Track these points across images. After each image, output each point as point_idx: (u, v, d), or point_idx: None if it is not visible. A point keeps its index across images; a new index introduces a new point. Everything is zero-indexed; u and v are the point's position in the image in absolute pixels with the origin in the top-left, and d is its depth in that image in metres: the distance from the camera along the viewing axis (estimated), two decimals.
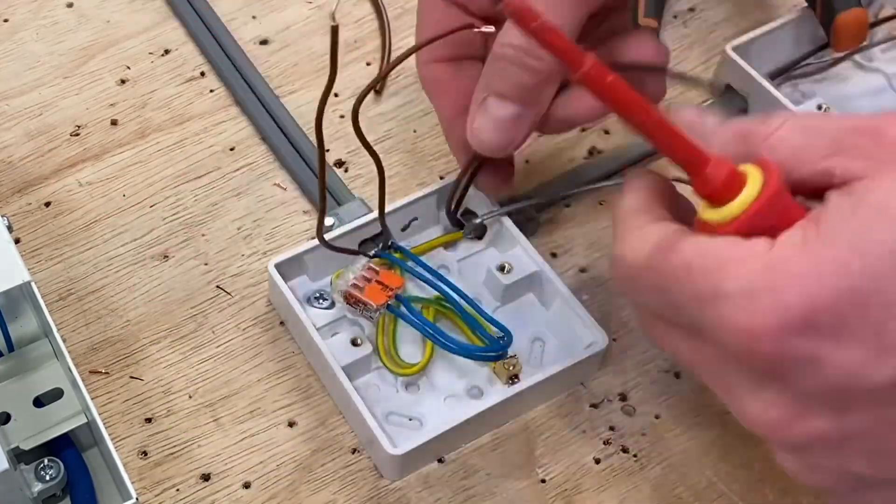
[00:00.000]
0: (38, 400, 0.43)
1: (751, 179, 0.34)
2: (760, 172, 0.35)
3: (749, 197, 0.34)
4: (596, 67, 0.32)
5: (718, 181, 0.34)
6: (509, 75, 0.43)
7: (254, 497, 0.45)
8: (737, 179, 0.34)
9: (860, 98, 0.59)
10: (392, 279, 0.47)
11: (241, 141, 0.56)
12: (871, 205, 0.32)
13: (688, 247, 0.35)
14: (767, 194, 0.34)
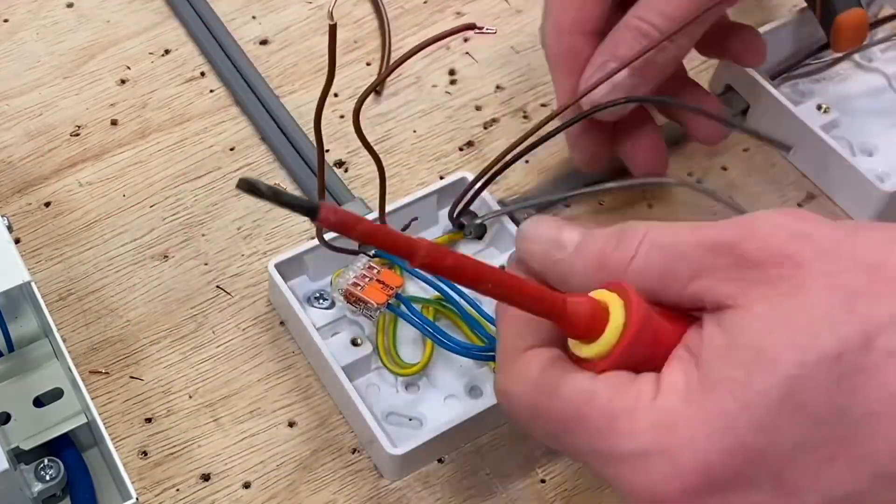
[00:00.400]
0: (38, 400, 0.43)
1: (613, 312, 0.34)
2: (620, 302, 0.34)
3: (615, 332, 0.34)
4: (431, 253, 0.31)
5: (581, 321, 0.34)
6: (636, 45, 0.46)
7: (254, 497, 0.46)
8: (599, 314, 0.34)
9: (860, 98, 0.59)
10: (392, 278, 0.47)
11: (241, 141, 0.56)
12: (746, 347, 0.32)
13: (573, 394, 0.35)
14: (632, 330, 0.34)
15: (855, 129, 0.58)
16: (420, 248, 0.31)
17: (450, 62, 0.60)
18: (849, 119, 0.58)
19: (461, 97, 0.59)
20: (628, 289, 0.35)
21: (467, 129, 0.57)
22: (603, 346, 0.34)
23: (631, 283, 0.35)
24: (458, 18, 0.62)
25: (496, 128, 0.58)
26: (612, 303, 0.35)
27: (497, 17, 0.62)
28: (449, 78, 0.59)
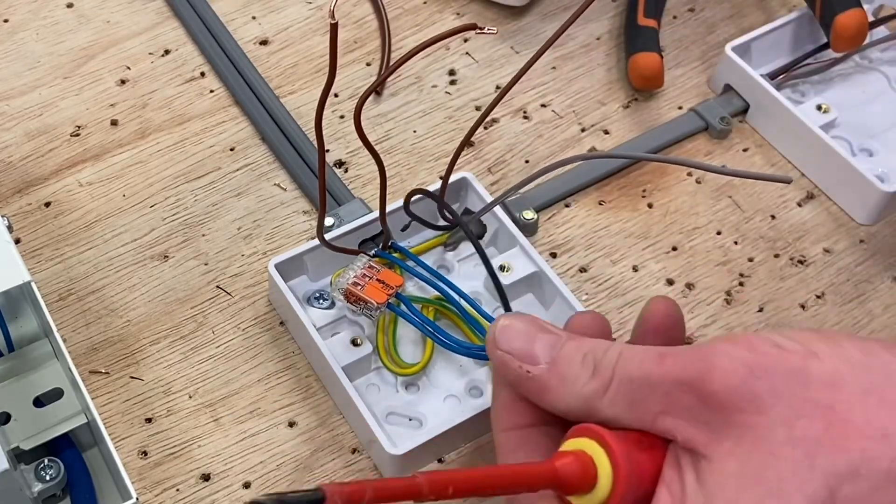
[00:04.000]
0: (38, 400, 0.43)
1: (599, 463, 0.36)
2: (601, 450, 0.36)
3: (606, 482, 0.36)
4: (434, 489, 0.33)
5: (574, 481, 0.36)
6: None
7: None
8: (588, 468, 0.36)
9: (860, 98, 0.59)
10: (392, 278, 0.47)
11: (241, 141, 0.56)
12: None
13: None
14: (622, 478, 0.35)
15: (855, 129, 0.58)
16: (423, 488, 0.33)
17: (450, 62, 0.60)
18: (849, 119, 0.58)
19: (461, 97, 0.59)
20: (604, 434, 0.36)
21: (467, 129, 0.57)
22: (599, 497, 0.36)
23: (604, 412, 0.37)
24: (458, 18, 0.62)
25: (496, 128, 0.58)
26: (595, 452, 0.36)
27: (497, 17, 0.62)
28: (449, 78, 0.59)
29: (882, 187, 0.53)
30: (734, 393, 0.34)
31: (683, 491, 0.35)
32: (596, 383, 0.37)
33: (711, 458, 0.34)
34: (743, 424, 0.34)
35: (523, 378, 0.38)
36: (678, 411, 0.35)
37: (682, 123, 0.58)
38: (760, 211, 0.55)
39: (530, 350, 0.38)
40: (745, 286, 0.53)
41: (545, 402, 0.38)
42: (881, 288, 0.53)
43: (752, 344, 0.35)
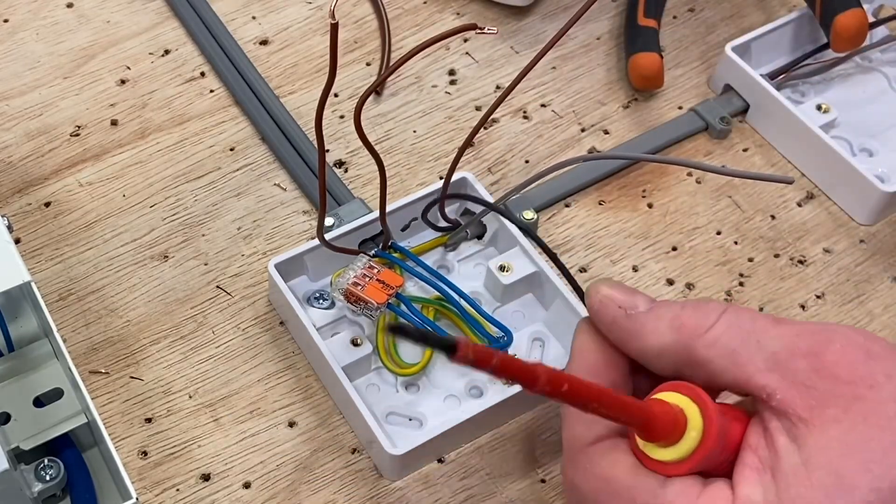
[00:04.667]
0: (38, 400, 0.43)
1: (691, 420, 0.36)
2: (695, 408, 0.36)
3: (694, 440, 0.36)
4: (552, 381, 0.33)
5: (663, 429, 0.36)
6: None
7: (254, 497, 0.46)
8: (679, 421, 0.36)
9: (860, 98, 0.59)
10: (392, 278, 0.47)
11: (241, 141, 0.56)
12: (824, 470, 0.34)
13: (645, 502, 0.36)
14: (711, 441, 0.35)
15: (855, 129, 0.58)
16: (541, 376, 0.33)
17: (450, 62, 0.60)
18: (849, 119, 0.58)
19: (461, 97, 0.59)
20: (705, 399, 0.36)
21: (467, 129, 0.57)
22: (684, 450, 0.36)
23: (700, 352, 0.37)
24: (458, 18, 0.62)
25: (496, 128, 0.58)
26: (689, 410, 0.36)
27: (497, 17, 0.62)
28: (449, 78, 0.59)
29: (882, 187, 0.53)
30: (851, 367, 0.35)
31: (776, 453, 0.35)
32: (697, 319, 0.37)
33: (813, 422, 0.35)
34: (852, 396, 0.35)
35: (620, 319, 0.39)
36: (785, 372, 0.36)
37: (682, 123, 0.58)
38: (760, 211, 0.55)
39: (632, 296, 0.39)
40: (745, 286, 0.53)
41: (637, 346, 0.38)
42: (881, 288, 0.53)
43: (869, 334, 0.36)
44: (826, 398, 0.35)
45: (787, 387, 0.35)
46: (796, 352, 0.36)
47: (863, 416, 0.34)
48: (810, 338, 0.36)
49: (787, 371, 0.36)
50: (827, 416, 0.35)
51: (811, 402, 0.35)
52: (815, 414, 0.35)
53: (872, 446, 0.34)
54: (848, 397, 0.35)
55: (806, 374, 0.35)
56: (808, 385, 0.35)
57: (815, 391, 0.35)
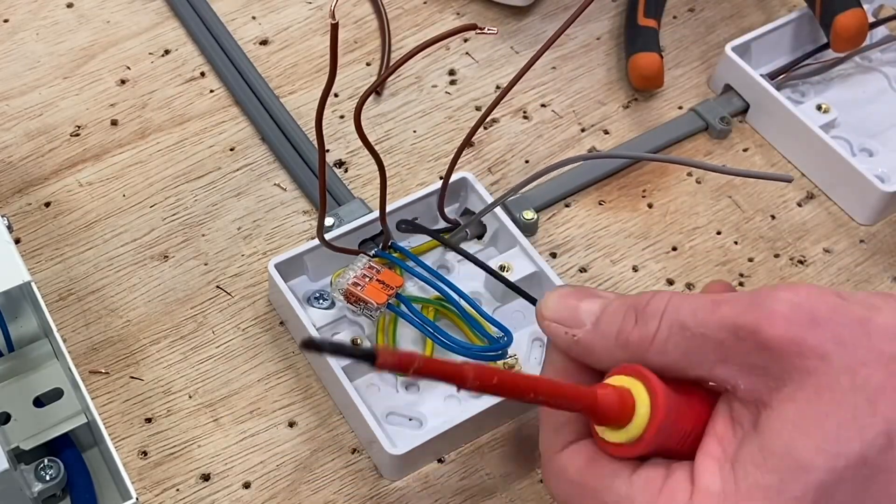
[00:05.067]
0: (38, 400, 0.43)
1: (638, 399, 0.36)
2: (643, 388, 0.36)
3: (642, 419, 0.36)
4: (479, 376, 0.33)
5: (611, 412, 0.36)
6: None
7: (254, 497, 0.46)
8: (626, 402, 0.36)
9: (860, 98, 0.59)
10: (392, 278, 0.47)
11: (241, 141, 0.56)
12: (779, 453, 0.33)
13: (612, 500, 0.36)
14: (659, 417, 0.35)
15: (855, 129, 0.58)
16: (468, 374, 0.33)
17: (450, 62, 0.60)
18: (849, 119, 0.58)
19: (461, 97, 0.59)
20: (648, 375, 0.36)
21: (467, 129, 0.57)
22: (632, 432, 0.36)
23: (654, 361, 0.36)
24: (458, 18, 0.62)
25: (496, 128, 0.58)
26: (636, 389, 0.36)
27: (497, 17, 0.62)
28: (449, 78, 0.59)
29: (882, 187, 0.53)
30: (795, 339, 0.34)
31: (738, 441, 0.34)
32: (640, 332, 0.37)
33: (770, 404, 0.34)
34: (804, 370, 0.33)
35: (571, 343, 0.38)
36: (737, 359, 0.35)
37: (682, 123, 0.58)
38: (760, 211, 0.55)
39: (575, 315, 0.39)
40: (746, 286, 0.53)
41: (594, 362, 0.38)
42: (881, 288, 0.53)
43: (812, 291, 0.34)
44: (781, 377, 0.34)
45: (745, 374, 0.35)
46: (739, 334, 0.34)
47: (816, 391, 0.33)
48: (750, 314, 0.34)
49: (737, 358, 0.35)
50: (783, 395, 0.34)
51: (770, 385, 0.34)
52: (773, 396, 0.34)
53: (827, 423, 0.33)
54: (801, 372, 0.33)
55: (755, 355, 0.34)
56: (761, 366, 0.34)
57: (769, 372, 0.34)
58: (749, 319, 0.34)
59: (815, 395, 0.33)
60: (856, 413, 0.33)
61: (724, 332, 0.35)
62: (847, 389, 0.33)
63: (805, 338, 0.34)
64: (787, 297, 0.34)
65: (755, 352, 0.34)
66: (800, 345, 0.34)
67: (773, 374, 0.34)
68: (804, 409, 0.33)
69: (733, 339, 0.35)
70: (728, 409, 0.36)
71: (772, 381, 0.34)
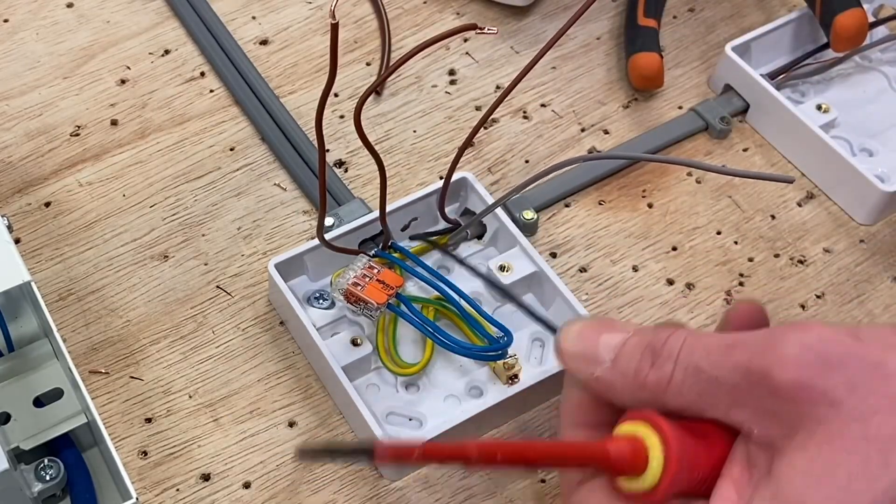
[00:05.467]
0: (38, 400, 0.43)
1: (651, 448, 0.36)
2: (655, 436, 0.36)
3: (657, 467, 0.36)
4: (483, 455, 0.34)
5: (625, 464, 0.36)
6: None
7: (254, 497, 0.46)
8: (640, 452, 0.36)
9: (860, 98, 0.59)
10: (392, 278, 0.47)
11: (241, 141, 0.56)
12: (791, 502, 0.33)
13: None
14: (673, 465, 0.35)
15: (855, 129, 0.58)
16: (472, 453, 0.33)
17: (450, 62, 0.60)
18: (849, 119, 0.58)
19: (461, 97, 0.59)
20: (660, 424, 0.36)
21: (467, 129, 0.57)
22: (650, 480, 0.36)
23: (671, 403, 0.36)
24: (458, 18, 0.62)
25: (496, 128, 0.58)
26: (648, 436, 0.36)
27: (497, 17, 0.62)
28: (449, 78, 0.59)
29: (882, 187, 0.53)
30: (806, 384, 0.33)
31: (752, 484, 0.34)
32: (657, 375, 0.36)
33: (783, 452, 0.33)
34: (815, 418, 0.33)
35: (591, 380, 0.38)
36: (750, 403, 0.34)
37: (682, 123, 0.58)
38: (760, 211, 0.55)
39: (594, 351, 0.38)
40: (745, 286, 0.53)
41: (614, 399, 0.38)
42: (881, 288, 0.53)
43: (825, 332, 0.34)
44: (794, 423, 0.33)
45: (759, 419, 0.34)
46: (752, 379, 0.34)
47: (827, 440, 0.33)
48: (762, 358, 0.34)
49: (751, 402, 0.34)
50: (795, 443, 0.33)
51: (783, 430, 0.34)
52: (786, 443, 0.34)
53: (838, 474, 0.32)
54: (813, 419, 0.33)
55: (768, 400, 0.34)
56: (775, 412, 0.34)
57: (783, 417, 0.34)
58: (760, 363, 0.34)
59: (826, 443, 0.33)
60: (867, 464, 0.32)
61: (737, 375, 0.34)
62: (858, 438, 0.32)
63: (816, 383, 0.33)
64: (799, 340, 0.34)
65: (767, 397, 0.34)
66: (811, 390, 0.33)
67: (786, 419, 0.34)
68: (815, 459, 0.33)
69: (746, 384, 0.34)
70: (745, 450, 0.35)
71: (785, 427, 0.34)
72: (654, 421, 0.36)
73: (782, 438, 0.34)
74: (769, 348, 0.34)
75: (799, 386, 0.33)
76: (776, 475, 0.34)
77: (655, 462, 0.35)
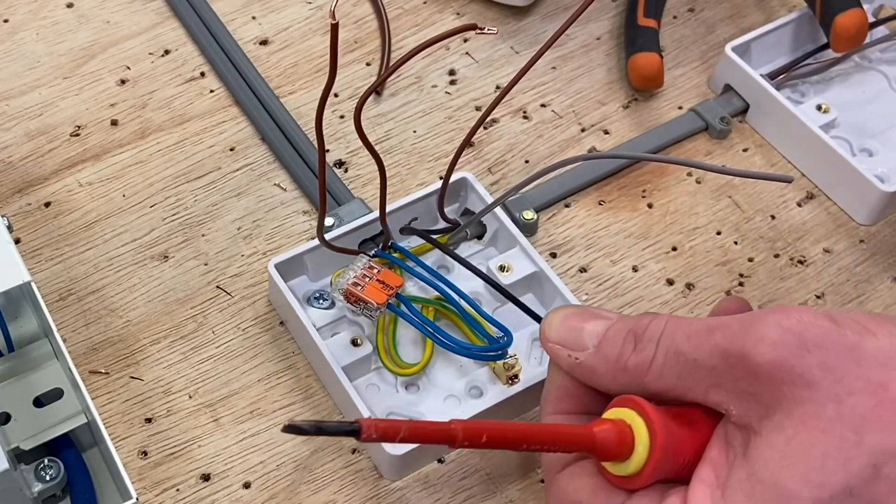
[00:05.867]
0: (38, 400, 0.43)
1: (637, 432, 0.36)
2: (641, 420, 0.36)
3: (643, 451, 0.36)
4: (468, 435, 0.34)
5: (611, 448, 0.36)
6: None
7: (254, 497, 0.46)
8: (626, 436, 0.36)
9: (860, 98, 0.59)
10: (392, 278, 0.47)
11: (241, 141, 0.56)
12: (767, 483, 0.33)
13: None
14: (658, 450, 0.36)
15: (855, 129, 0.58)
16: (456, 434, 0.33)
17: (450, 62, 0.60)
18: (849, 119, 0.58)
19: (461, 97, 0.59)
20: (647, 409, 0.36)
21: (467, 129, 0.57)
22: (635, 465, 0.36)
23: (652, 385, 0.37)
24: (458, 18, 0.62)
25: (496, 128, 0.58)
26: (634, 422, 0.36)
27: (497, 17, 0.62)
28: (449, 78, 0.59)
29: (882, 187, 0.53)
30: (783, 365, 0.33)
31: (730, 468, 0.35)
32: (638, 358, 0.37)
33: (759, 432, 0.34)
34: (792, 398, 0.33)
35: (574, 366, 0.39)
36: (729, 385, 0.35)
37: (682, 123, 0.58)
38: (760, 211, 0.55)
39: (578, 337, 0.39)
40: (745, 286, 0.53)
41: (597, 384, 0.39)
42: (881, 288, 0.53)
43: (804, 315, 0.34)
44: (771, 404, 0.34)
45: (737, 400, 0.35)
46: (730, 360, 0.34)
47: (803, 420, 0.33)
48: (741, 339, 0.34)
49: (730, 383, 0.35)
50: (772, 423, 0.34)
51: (760, 411, 0.34)
52: (763, 423, 0.34)
53: (813, 453, 0.33)
54: (789, 400, 0.33)
55: (746, 381, 0.34)
56: (752, 393, 0.34)
57: (760, 398, 0.34)
58: (739, 345, 0.34)
59: (801, 424, 0.33)
60: (841, 443, 0.33)
61: (716, 357, 0.35)
62: (833, 418, 0.33)
63: (793, 364, 0.33)
64: (777, 322, 0.34)
65: (745, 378, 0.34)
66: (788, 371, 0.33)
67: (763, 400, 0.34)
68: (791, 439, 0.33)
69: (725, 365, 0.35)
70: (724, 432, 0.36)
71: (761, 408, 0.34)
72: (640, 407, 0.36)
73: (759, 419, 0.34)
74: (748, 330, 0.34)
75: (776, 367, 0.34)
76: (752, 456, 0.34)
77: (641, 447, 0.36)
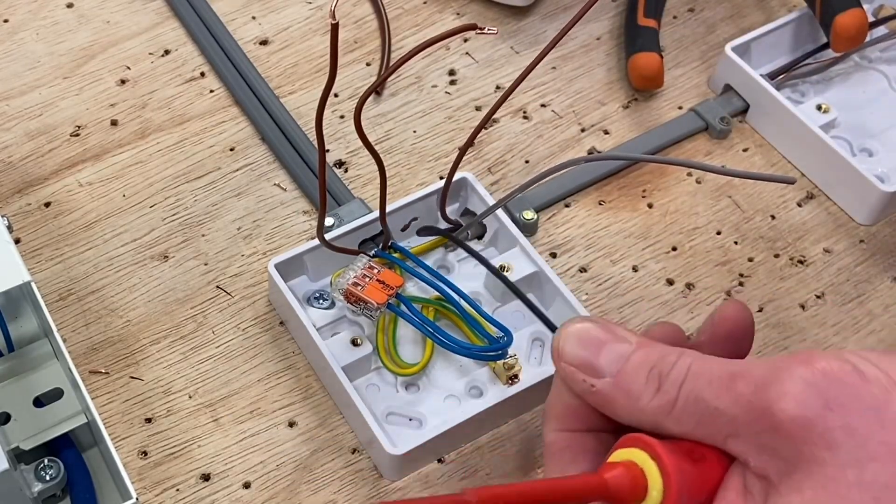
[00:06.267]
0: (38, 400, 0.43)
1: (650, 475, 0.35)
2: (652, 463, 0.35)
3: (657, 495, 0.35)
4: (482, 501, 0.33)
5: (625, 493, 0.35)
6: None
7: (254, 497, 0.46)
8: (638, 480, 0.35)
9: (860, 98, 0.59)
10: (392, 278, 0.47)
11: (241, 141, 0.56)
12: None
13: None
14: (673, 493, 0.35)
15: (855, 129, 0.58)
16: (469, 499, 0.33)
17: (450, 62, 0.60)
18: (849, 119, 0.58)
19: (461, 97, 0.59)
20: (657, 448, 0.35)
21: (467, 129, 0.57)
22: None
23: (670, 428, 0.36)
24: (458, 18, 0.62)
25: (496, 128, 0.58)
26: (646, 465, 0.35)
27: (497, 17, 0.62)
28: (449, 78, 0.59)
29: (882, 187, 0.53)
30: (805, 424, 0.33)
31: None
32: (660, 401, 0.36)
33: (780, 490, 0.33)
34: (812, 458, 0.33)
35: (588, 392, 0.37)
36: (749, 436, 0.34)
37: (682, 123, 0.58)
38: (760, 211, 0.55)
39: (595, 362, 0.37)
40: (745, 286, 0.53)
41: (611, 414, 0.37)
42: (881, 288, 0.53)
43: (829, 367, 0.33)
44: (791, 461, 0.33)
45: (757, 452, 0.34)
46: (753, 412, 0.34)
47: (823, 483, 0.32)
48: (763, 392, 0.34)
49: (750, 435, 0.34)
50: (791, 482, 0.33)
51: (780, 467, 0.33)
52: (783, 480, 0.33)
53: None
54: (809, 461, 0.33)
55: (767, 436, 0.34)
56: (773, 447, 0.33)
57: (780, 453, 0.33)
58: (761, 398, 0.34)
59: (821, 487, 0.32)
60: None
61: (737, 408, 0.34)
62: (853, 484, 0.32)
63: (815, 424, 0.33)
64: (801, 374, 0.33)
65: (766, 432, 0.34)
66: (809, 431, 0.33)
67: (783, 455, 0.33)
68: (809, 501, 0.33)
69: (746, 417, 0.34)
70: (741, 477, 0.35)
71: (781, 463, 0.33)
72: (652, 449, 0.36)
73: (779, 474, 0.34)
74: (771, 383, 0.34)
75: (797, 425, 0.33)
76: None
77: (655, 492, 0.35)
